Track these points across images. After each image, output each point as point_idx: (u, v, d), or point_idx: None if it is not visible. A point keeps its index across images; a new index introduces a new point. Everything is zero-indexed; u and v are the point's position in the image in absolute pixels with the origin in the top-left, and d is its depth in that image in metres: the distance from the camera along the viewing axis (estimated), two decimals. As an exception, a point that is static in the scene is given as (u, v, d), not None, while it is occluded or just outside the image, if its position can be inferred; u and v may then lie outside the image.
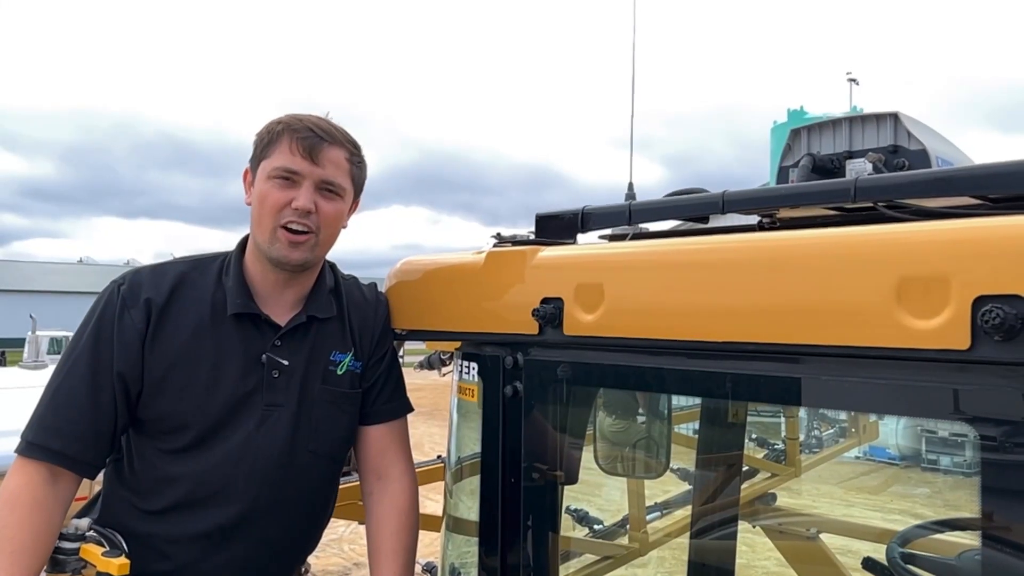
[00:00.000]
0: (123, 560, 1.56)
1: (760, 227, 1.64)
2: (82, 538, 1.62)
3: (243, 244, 1.78)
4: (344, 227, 1.79)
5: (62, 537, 1.60)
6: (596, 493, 3.08)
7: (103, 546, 1.61)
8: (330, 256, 1.89)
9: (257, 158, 1.70)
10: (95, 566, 1.57)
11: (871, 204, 1.33)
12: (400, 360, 2.00)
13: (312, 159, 1.65)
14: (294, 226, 1.64)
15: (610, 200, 1.68)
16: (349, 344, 1.82)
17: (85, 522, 1.64)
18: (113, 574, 1.54)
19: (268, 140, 1.68)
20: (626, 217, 1.59)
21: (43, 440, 1.58)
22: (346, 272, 1.97)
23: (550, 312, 1.47)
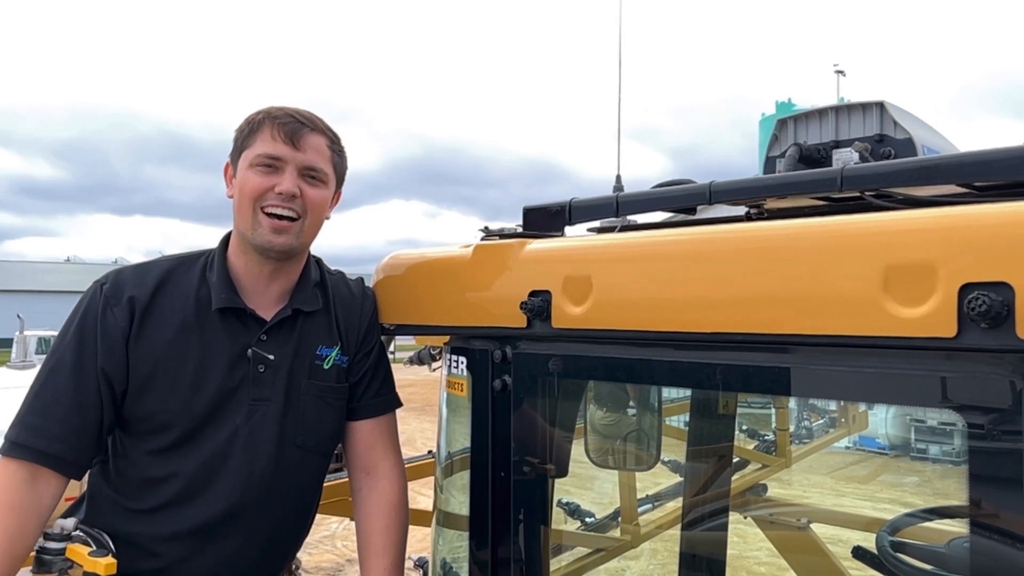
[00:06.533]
0: (110, 560, 1.54)
1: (748, 217, 1.64)
2: (68, 538, 1.60)
3: (226, 240, 1.77)
4: (327, 218, 1.78)
5: (47, 537, 1.58)
6: (587, 486, 3.08)
7: (90, 546, 1.59)
8: (326, 252, 1.89)
9: (238, 149, 1.69)
10: (82, 566, 1.56)
11: (858, 193, 1.33)
12: (391, 355, 1.99)
13: (294, 145, 1.64)
14: (279, 211, 1.64)
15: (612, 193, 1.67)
16: (335, 338, 1.81)
17: (71, 522, 1.62)
18: (100, 574, 1.52)
19: (249, 130, 1.67)
20: (613, 209, 1.59)
21: (26, 440, 1.56)
22: (342, 268, 1.96)
23: (538, 305, 1.46)
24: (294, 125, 1.65)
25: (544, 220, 1.68)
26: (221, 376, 1.67)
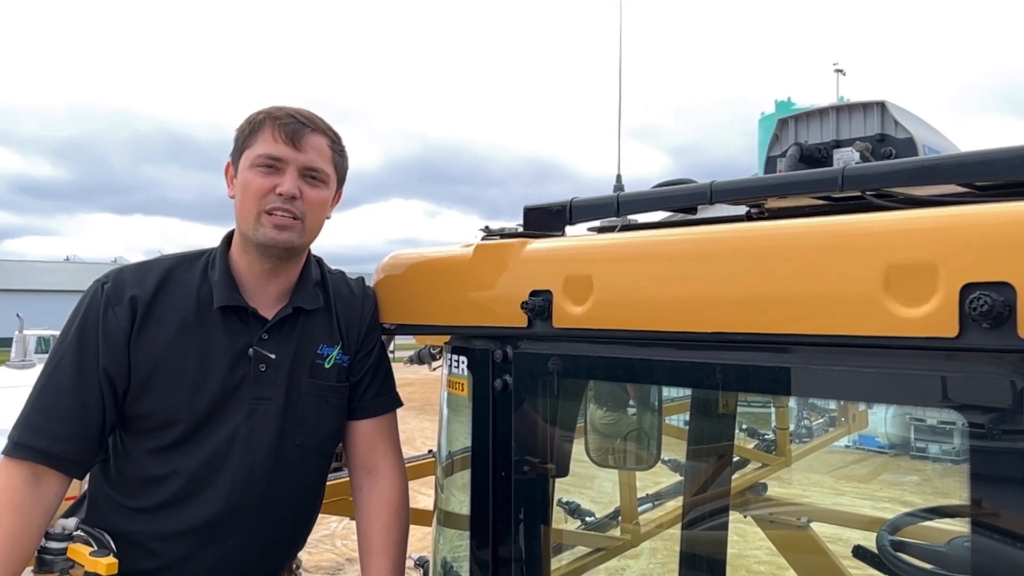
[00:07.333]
0: (111, 559, 1.54)
1: (748, 217, 1.64)
2: (69, 538, 1.60)
3: (228, 239, 1.77)
4: (328, 218, 1.78)
5: (49, 537, 1.59)
6: (588, 485, 3.08)
7: (91, 545, 1.60)
8: (326, 252, 1.89)
9: (239, 150, 1.69)
10: (83, 566, 1.56)
11: (859, 193, 1.33)
12: (391, 355, 1.99)
13: (295, 145, 1.64)
14: (279, 213, 1.63)
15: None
16: (336, 337, 1.81)
17: (72, 522, 1.62)
18: (101, 574, 1.52)
19: (250, 130, 1.67)
20: (614, 208, 1.59)
21: (28, 440, 1.56)
22: (342, 267, 1.96)
23: (539, 305, 1.46)
24: (295, 126, 1.65)
25: (544, 220, 1.68)
26: (222, 375, 1.67)
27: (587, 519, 3.11)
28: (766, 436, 3.83)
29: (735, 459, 3.05)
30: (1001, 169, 1.18)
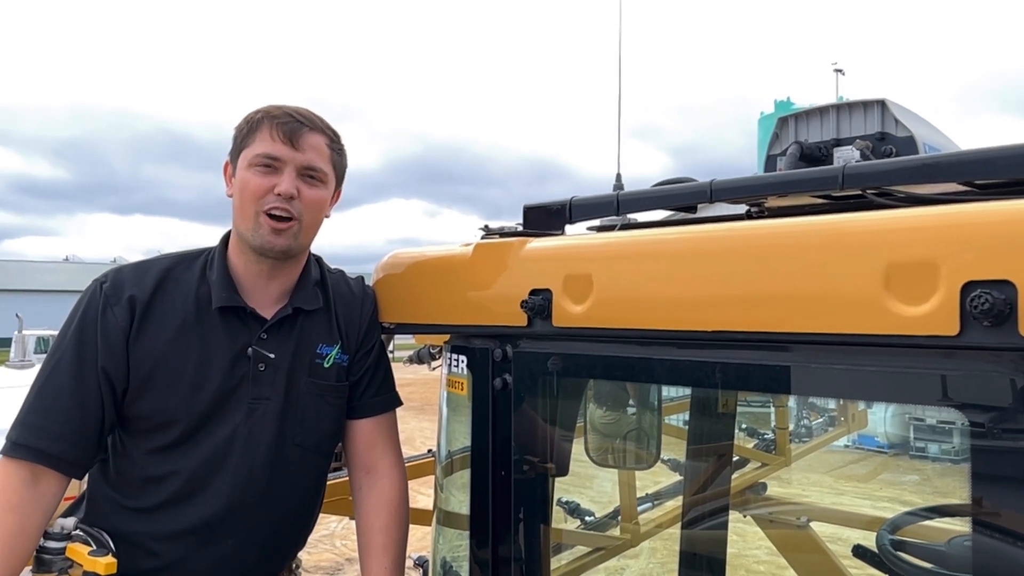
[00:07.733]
0: (110, 559, 1.54)
1: (748, 216, 1.64)
2: (68, 537, 1.60)
3: (226, 238, 1.77)
4: (327, 216, 1.78)
5: (47, 537, 1.58)
6: (587, 485, 3.08)
7: (90, 545, 1.59)
8: (326, 251, 1.89)
9: (237, 149, 1.69)
10: (82, 566, 1.56)
11: (859, 191, 1.33)
12: (390, 354, 1.99)
13: (293, 144, 1.64)
14: (277, 212, 1.63)
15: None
16: (336, 337, 1.81)
17: (71, 521, 1.62)
18: (100, 573, 1.52)
19: (248, 129, 1.67)
20: (614, 207, 1.58)
21: (27, 440, 1.56)
22: (342, 267, 1.96)
23: (539, 304, 1.46)
24: (293, 124, 1.65)
25: (544, 218, 1.68)
26: (221, 375, 1.67)
27: (587, 519, 3.11)
28: (766, 435, 3.83)
29: (735, 459, 3.04)
30: (1001, 167, 1.17)
